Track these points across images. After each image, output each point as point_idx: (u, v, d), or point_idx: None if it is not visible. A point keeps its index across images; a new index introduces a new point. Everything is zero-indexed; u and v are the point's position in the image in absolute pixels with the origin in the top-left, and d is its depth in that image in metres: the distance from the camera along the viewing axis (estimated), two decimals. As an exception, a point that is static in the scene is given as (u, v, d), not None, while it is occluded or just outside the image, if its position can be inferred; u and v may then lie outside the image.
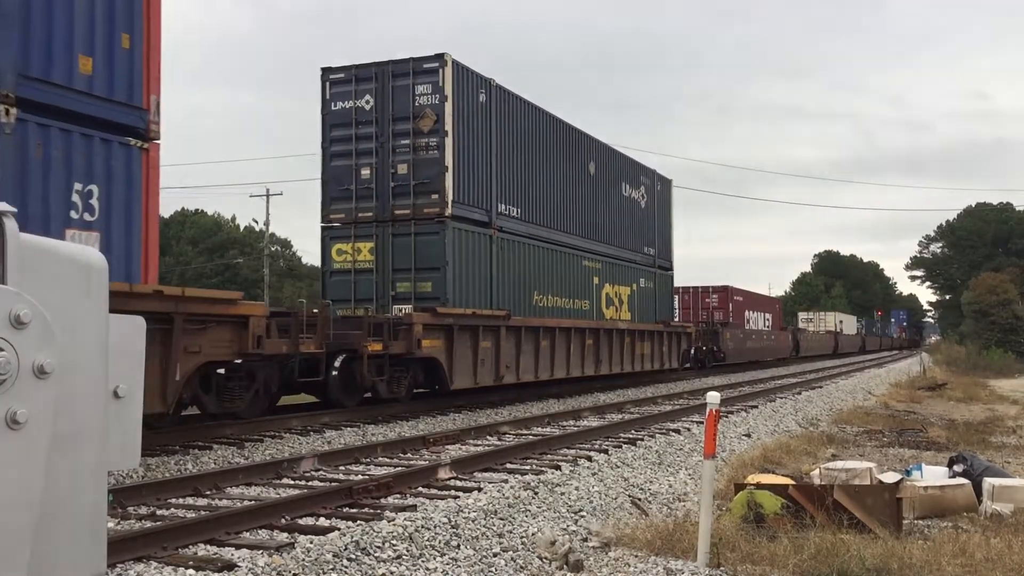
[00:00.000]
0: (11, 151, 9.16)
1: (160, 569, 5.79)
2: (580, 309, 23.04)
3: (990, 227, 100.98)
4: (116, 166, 10.42)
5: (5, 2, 9.17)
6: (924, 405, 21.98)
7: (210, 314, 11.56)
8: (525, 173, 20.46)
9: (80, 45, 9.98)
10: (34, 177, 9.44)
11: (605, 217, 24.90)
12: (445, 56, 17.40)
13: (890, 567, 5.82)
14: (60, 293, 2.01)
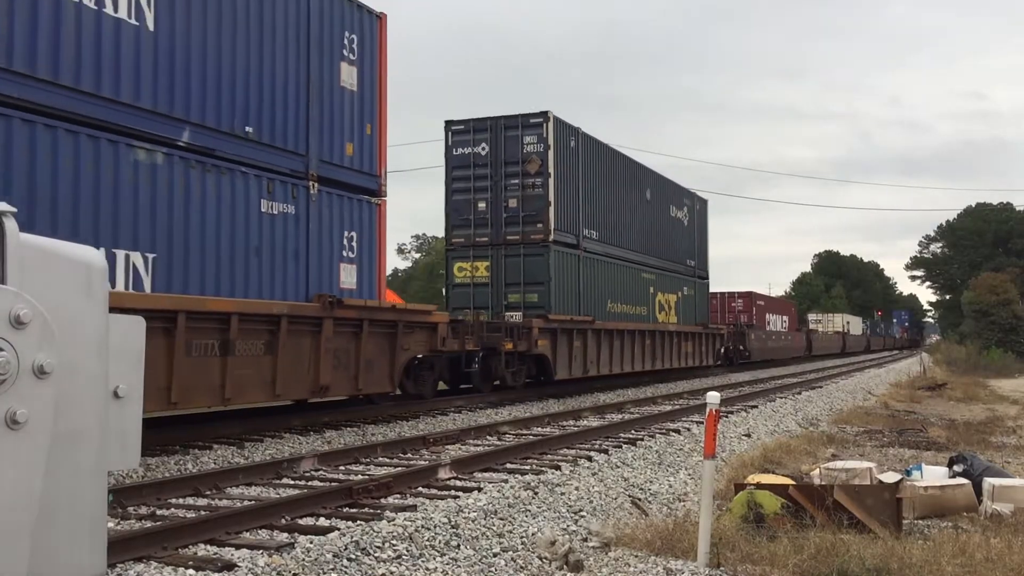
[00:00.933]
0: (314, 212, 13.68)
1: (160, 569, 5.79)
2: (640, 314, 27.07)
3: (990, 227, 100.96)
4: (364, 218, 14.80)
5: (312, 117, 13.67)
6: (924, 405, 21.99)
7: (416, 322, 15.81)
8: (601, 202, 24.51)
9: (346, 135, 14.39)
10: (324, 228, 13.86)
11: (657, 235, 29.01)
12: (548, 113, 21.70)
13: (890, 567, 5.82)
14: (60, 293, 2.01)
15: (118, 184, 10.50)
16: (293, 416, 14.44)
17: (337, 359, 13.78)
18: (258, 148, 12.71)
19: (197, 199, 11.62)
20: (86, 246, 2.18)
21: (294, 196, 13.25)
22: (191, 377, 11.14)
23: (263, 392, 12.55)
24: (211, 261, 11.82)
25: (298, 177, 13.39)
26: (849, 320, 76.50)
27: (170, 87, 11.27)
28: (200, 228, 11.65)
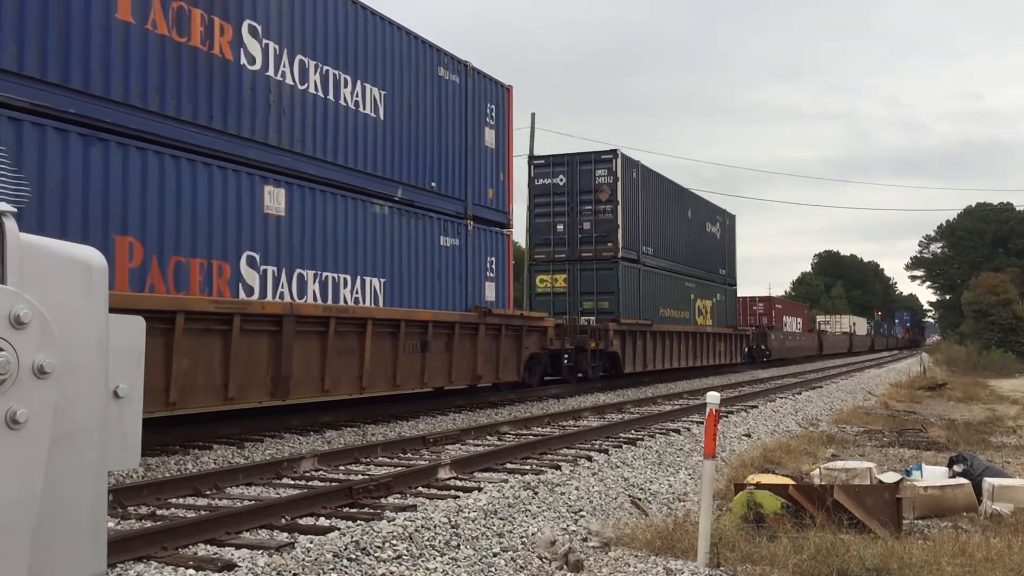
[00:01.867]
0: (471, 243, 18.12)
1: (160, 569, 5.79)
2: (684, 318, 31.30)
3: (990, 227, 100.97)
4: (498, 245, 19.33)
5: (468, 171, 18.03)
6: (924, 405, 21.99)
7: (534, 326, 20.35)
8: (655, 222, 28.87)
9: (488, 183, 18.96)
10: (476, 254, 18.36)
11: (697, 248, 33.57)
12: (617, 151, 26.33)
13: (890, 567, 5.82)
14: (60, 293, 2.01)
15: (365, 230, 14.86)
16: (293, 416, 14.44)
17: (486, 355, 18.22)
18: (438, 197, 17.22)
19: (406, 239, 15.99)
20: (86, 246, 2.18)
21: (458, 232, 17.80)
22: (405, 369, 15.49)
23: (444, 380, 17.00)
24: (414, 283, 16.21)
25: (460, 217, 17.92)
26: (855, 321, 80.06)
27: (392, 159, 15.73)
28: (409, 259, 16.09)
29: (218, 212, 11.96)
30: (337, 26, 14.36)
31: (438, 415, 16.48)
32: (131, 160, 10.79)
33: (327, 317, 13.42)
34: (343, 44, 14.51)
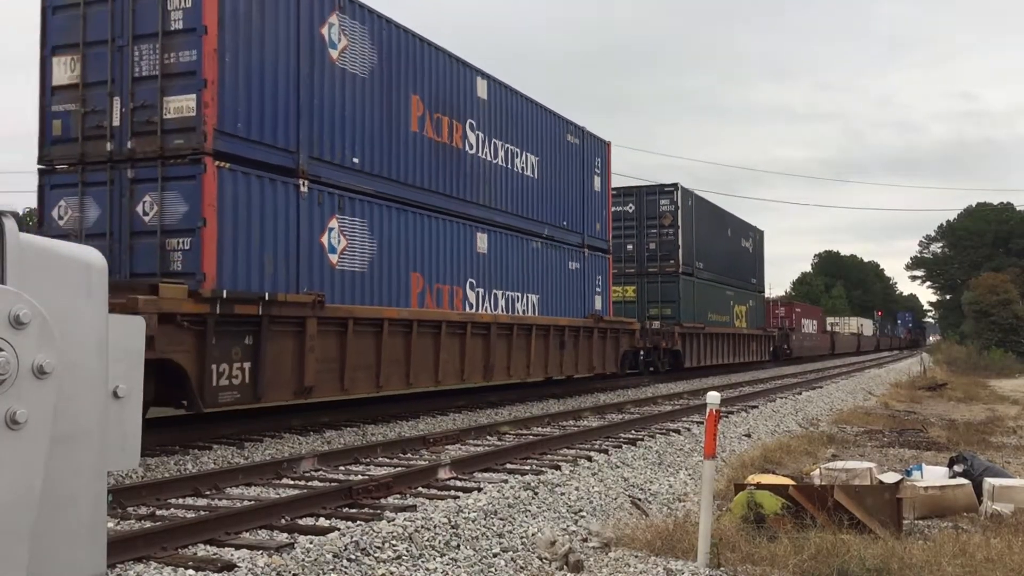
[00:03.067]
0: (587, 266, 23.43)
1: (160, 569, 5.79)
2: (725, 321, 36.86)
3: (990, 227, 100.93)
4: (603, 267, 24.49)
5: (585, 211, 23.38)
6: (924, 405, 21.99)
7: (626, 329, 25.56)
8: (705, 241, 34.29)
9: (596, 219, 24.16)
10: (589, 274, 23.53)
11: (734, 261, 39.48)
12: (678, 184, 31.68)
13: (890, 567, 5.81)
14: (60, 293, 2.01)
15: (527, 259, 20.37)
16: (293, 416, 14.45)
17: (598, 351, 23.60)
18: (567, 232, 22.48)
19: (550, 265, 21.44)
20: (86, 246, 2.18)
21: (578, 257, 22.97)
22: (553, 361, 21.03)
23: (573, 370, 22.53)
24: (554, 298, 21.55)
25: (579, 246, 23.10)
26: (862, 323, 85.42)
27: (542, 207, 21.16)
28: (552, 280, 21.55)
29: (455, 253, 17.44)
30: (513, 114, 19.90)
31: (438, 415, 16.48)
32: (417, 221, 16.12)
33: (511, 324, 18.98)
34: (516, 126, 20.03)
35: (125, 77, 11.90)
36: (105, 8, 11.99)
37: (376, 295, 14.86)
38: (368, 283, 14.68)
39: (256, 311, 11.81)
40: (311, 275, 13.33)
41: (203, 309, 11.01)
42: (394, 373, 15.03)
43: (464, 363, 17.00)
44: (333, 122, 14.06)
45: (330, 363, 13.48)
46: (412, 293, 15.78)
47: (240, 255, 12.05)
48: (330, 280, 13.74)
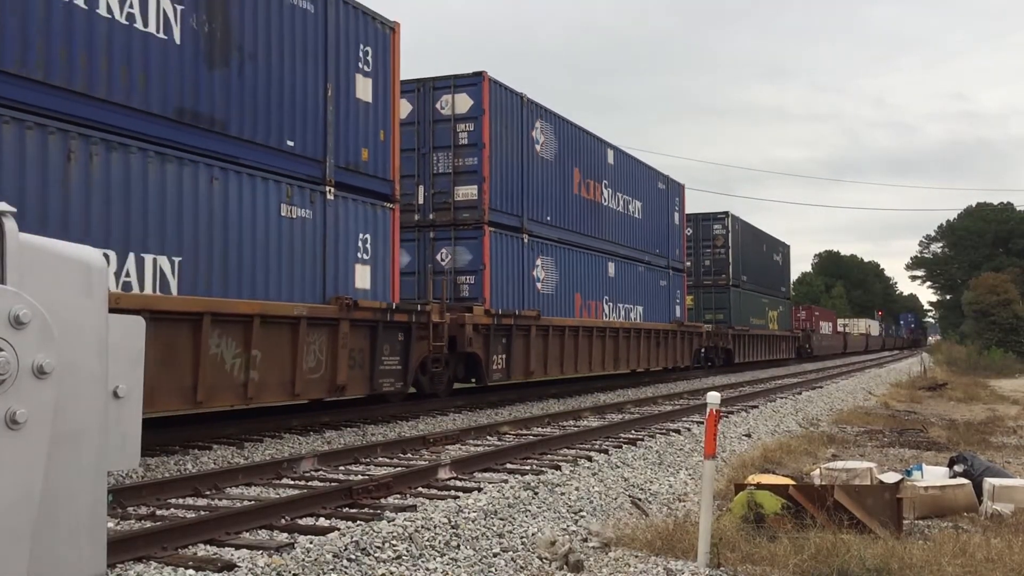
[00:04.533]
0: (671, 284, 30.04)
1: (160, 569, 5.79)
2: (762, 324, 43.59)
3: (990, 227, 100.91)
4: (681, 281, 30.89)
5: (668, 239, 30.10)
6: (924, 405, 21.98)
7: (698, 331, 31.56)
8: (747, 257, 40.93)
9: (676, 245, 29.81)
10: (673, 288, 30.36)
11: (768, 273, 46.20)
12: (728, 212, 38.32)
13: (890, 567, 5.81)
14: (60, 293, 2.01)
15: (636, 281, 26.91)
16: (292, 416, 14.45)
17: (679, 348, 29.79)
18: (658, 258, 29.07)
19: (649, 283, 28.13)
20: (86, 246, 2.18)
21: (668, 277, 30.02)
22: (649, 355, 27.19)
23: (663, 364, 28.55)
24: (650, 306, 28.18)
25: (665, 268, 29.83)
26: (870, 324, 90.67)
27: (643, 240, 27.75)
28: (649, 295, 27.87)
29: (597, 277, 24.16)
30: (627, 172, 26.81)
31: (438, 415, 16.47)
32: (577, 257, 23.03)
33: (630, 328, 25.68)
34: (630, 181, 26.83)
35: (426, 173, 19.13)
36: (413, 128, 18.97)
37: (559, 310, 21.71)
38: (555, 302, 21.58)
39: (511, 322, 18.91)
40: (527, 297, 20.28)
41: (488, 321, 18.03)
42: (567, 362, 21.70)
43: (604, 356, 23.81)
44: (536, 193, 20.92)
45: (539, 355, 20.33)
46: (576, 307, 22.78)
47: (499, 285, 19.14)
48: (537, 300, 20.67)
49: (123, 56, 10.47)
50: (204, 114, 11.56)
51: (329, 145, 13.81)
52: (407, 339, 15.39)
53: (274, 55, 12.78)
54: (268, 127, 12.65)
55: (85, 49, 10.00)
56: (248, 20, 12.28)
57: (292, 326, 12.63)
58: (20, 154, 9.15)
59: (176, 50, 11.18)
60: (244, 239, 12.09)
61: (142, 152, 10.65)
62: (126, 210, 10.39)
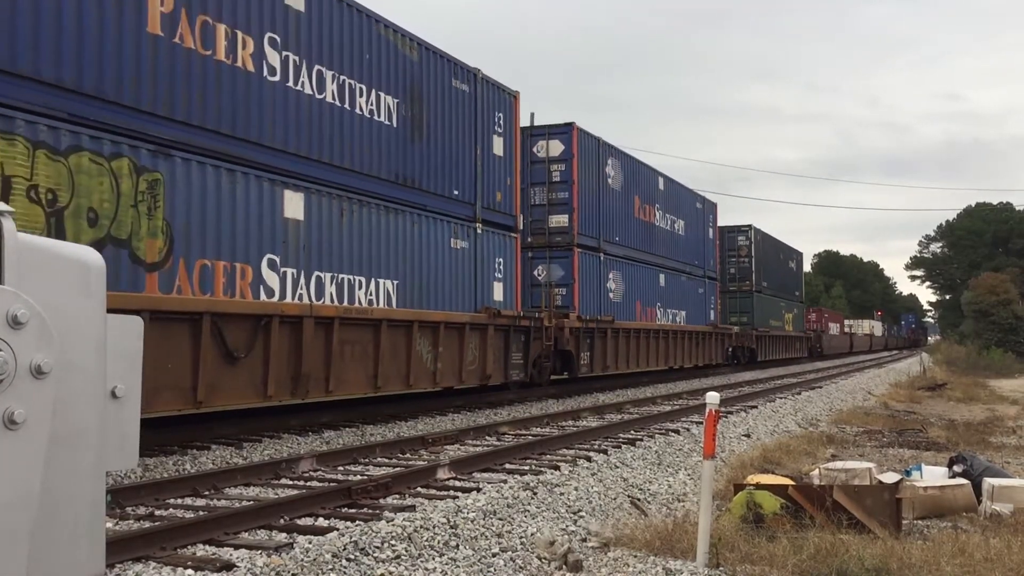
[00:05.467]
0: (707, 292, 34.53)
1: (159, 569, 5.79)
2: (779, 326, 47.61)
3: (990, 227, 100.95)
4: (714, 290, 35.31)
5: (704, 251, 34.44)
6: (924, 405, 21.99)
7: (728, 332, 36.08)
8: (767, 264, 45.25)
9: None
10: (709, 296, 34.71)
11: (785, 279, 50.04)
12: (752, 226, 42.57)
13: (889, 567, 5.81)
14: (58, 293, 2.00)
15: (680, 288, 31.16)
16: (291, 416, 14.45)
17: (712, 347, 34.11)
18: (697, 268, 33.16)
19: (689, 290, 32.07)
20: (84, 246, 2.18)
21: (703, 285, 33.63)
22: (683, 353, 30.57)
23: (699, 360, 32.51)
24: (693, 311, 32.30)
25: (703, 277, 33.91)
26: (873, 325, 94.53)
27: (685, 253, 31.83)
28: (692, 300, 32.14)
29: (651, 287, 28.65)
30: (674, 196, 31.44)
31: (437, 415, 16.47)
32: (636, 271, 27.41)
33: (678, 330, 30.27)
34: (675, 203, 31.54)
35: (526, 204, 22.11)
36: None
37: (625, 315, 25.89)
38: (622, 308, 25.65)
39: (594, 325, 23.24)
40: (603, 305, 24.37)
41: (579, 325, 22.31)
42: (631, 359, 26.19)
43: (659, 354, 28.27)
44: (609, 218, 25.17)
45: (613, 353, 24.69)
46: (637, 313, 26.94)
47: (584, 295, 23.27)
48: (610, 307, 24.75)
49: (368, 140, 14.77)
50: (408, 176, 15.88)
51: (478, 191, 18.07)
52: (527, 339, 19.78)
53: (444, 128, 17.00)
54: (442, 181, 16.89)
55: (349, 138, 14.37)
56: (429, 104, 16.46)
57: (459, 330, 16.95)
58: (317, 212, 13.56)
59: (394, 132, 15.48)
60: (430, 265, 16.33)
61: (377, 207, 14.94)
62: (369, 248, 14.67)
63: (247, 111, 12.25)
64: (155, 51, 10.91)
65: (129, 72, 10.56)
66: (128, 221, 10.47)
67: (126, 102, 10.51)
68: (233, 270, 11.91)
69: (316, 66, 13.61)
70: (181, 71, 11.30)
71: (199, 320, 11.07)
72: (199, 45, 11.59)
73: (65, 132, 9.76)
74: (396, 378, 15.05)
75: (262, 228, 12.39)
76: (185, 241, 11.15)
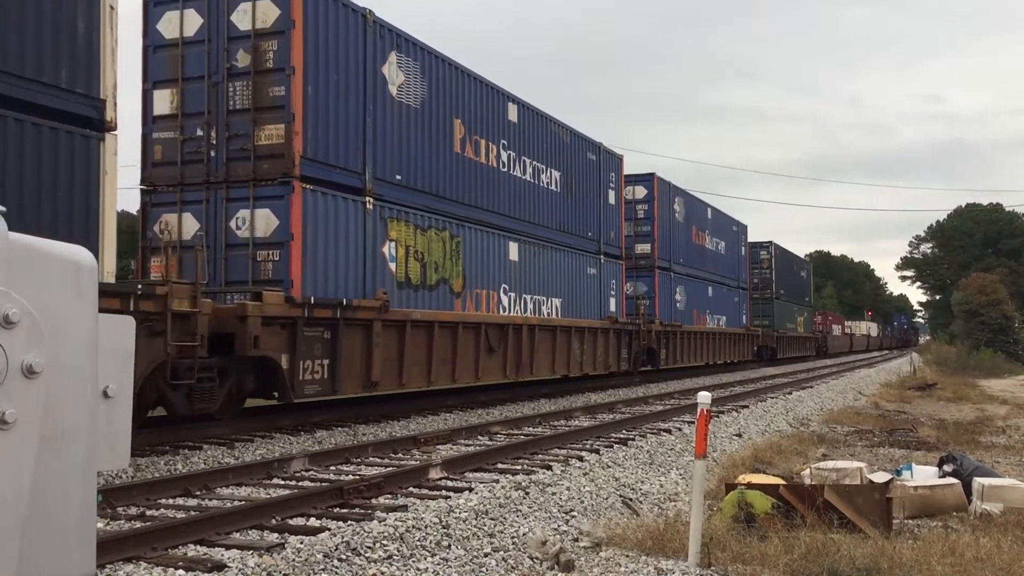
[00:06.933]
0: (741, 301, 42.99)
1: (150, 570, 5.78)
2: (793, 327, 53.01)
3: (980, 227, 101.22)
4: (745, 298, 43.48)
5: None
6: (914, 405, 22.05)
7: (755, 334, 43.88)
8: (783, 273, 50.94)
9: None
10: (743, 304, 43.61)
11: (797, 287, 55.63)
12: (772, 243, 49.18)
13: (880, 567, 5.83)
14: (49, 292, 2.00)
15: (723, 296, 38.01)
16: (283, 416, 14.42)
17: (745, 345, 40.50)
18: (732, 280, 39.63)
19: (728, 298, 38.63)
20: (76, 245, 2.17)
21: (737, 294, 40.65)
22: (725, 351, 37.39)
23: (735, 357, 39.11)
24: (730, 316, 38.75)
25: (736, 287, 40.31)
26: (870, 326, 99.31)
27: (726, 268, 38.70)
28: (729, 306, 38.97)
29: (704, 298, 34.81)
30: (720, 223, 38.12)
31: (429, 415, 16.45)
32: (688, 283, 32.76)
33: (720, 332, 36.03)
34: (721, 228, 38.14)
35: None
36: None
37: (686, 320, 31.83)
38: (684, 315, 31.86)
39: (670, 329, 29.91)
40: (673, 313, 30.74)
41: (661, 328, 28.69)
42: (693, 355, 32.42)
43: (709, 351, 34.28)
44: (676, 245, 31.87)
45: (683, 350, 31.31)
46: (693, 318, 32.72)
47: (662, 306, 29.84)
48: (677, 314, 31.17)
49: (545, 202, 21.46)
50: (564, 224, 22.49)
51: (600, 231, 24.70)
52: (630, 339, 26.32)
53: (582, 187, 23.64)
54: (582, 226, 23.57)
55: (536, 202, 21.03)
56: (574, 171, 23.14)
57: (594, 332, 23.64)
58: (524, 254, 20.16)
59: (557, 195, 22.18)
60: (577, 287, 22.96)
61: (550, 248, 21.55)
62: (547, 276, 21.34)
63: (492, 192, 18.86)
64: (457, 163, 17.46)
65: (446, 177, 17.07)
66: (449, 268, 17.04)
67: (448, 196, 17.07)
68: (489, 296, 18.56)
69: (523, 157, 20.41)
70: (467, 173, 17.85)
71: (479, 327, 17.78)
72: (473, 154, 18.12)
73: (423, 216, 16.27)
74: (561, 366, 21.67)
75: (500, 267, 19.07)
76: (471, 278, 17.81)
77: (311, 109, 13.49)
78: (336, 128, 14.08)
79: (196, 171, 13.69)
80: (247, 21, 13.50)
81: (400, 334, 15.15)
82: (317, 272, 13.56)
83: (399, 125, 15.59)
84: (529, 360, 19.81)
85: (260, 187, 13.32)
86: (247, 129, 13.41)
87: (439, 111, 16.69)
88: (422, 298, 16.05)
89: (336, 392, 14.13)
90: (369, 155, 14.75)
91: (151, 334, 10.76)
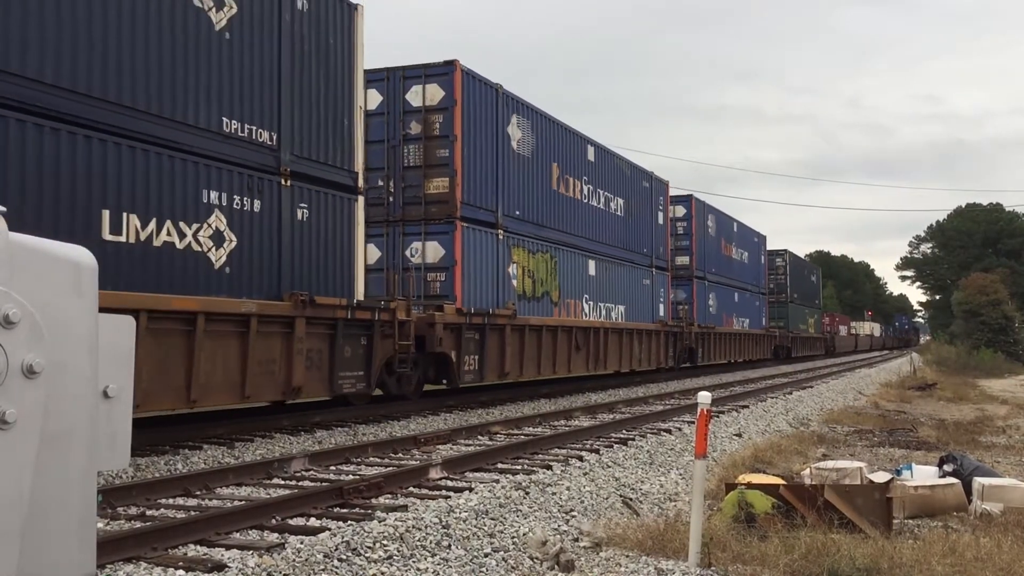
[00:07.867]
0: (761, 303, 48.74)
1: (150, 570, 5.77)
2: (805, 328, 57.38)
3: (980, 227, 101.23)
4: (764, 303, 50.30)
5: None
6: (914, 405, 22.05)
7: (773, 334, 49.01)
8: (796, 278, 55.21)
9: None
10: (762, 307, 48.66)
11: (809, 291, 59.96)
12: (787, 250, 55.01)
13: (880, 567, 5.83)
14: (50, 292, 2.00)
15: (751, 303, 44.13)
16: (283, 416, 14.42)
17: (765, 344, 45.69)
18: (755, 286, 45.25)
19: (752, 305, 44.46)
20: (76, 245, 2.17)
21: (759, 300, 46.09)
22: (748, 350, 41.70)
23: (757, 355, 44.09)
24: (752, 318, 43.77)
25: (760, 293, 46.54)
26: (872, 326, 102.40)
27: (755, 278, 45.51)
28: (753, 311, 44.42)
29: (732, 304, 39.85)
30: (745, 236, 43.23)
31: (429, 415, 16.45)
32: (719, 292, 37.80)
33: (745, 333, 41.07)
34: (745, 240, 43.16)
35: None
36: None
37: (718, 323, 36.23)
38: (716, 318, 36.31)
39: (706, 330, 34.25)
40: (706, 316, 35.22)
41: (699, 329, 33.08)
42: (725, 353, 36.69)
43: (736, 350, 38.70)
44: (709, 257, 36.40)
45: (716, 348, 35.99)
46: (723, 320, 36.82)
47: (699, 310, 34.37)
48: (709, 317, 35.32)
49: (612, 226, 25.75)
50: (625, 243, 26.66)
51: (652, 248, 29.10)
52: (675, 339, 30.47)
53: (638, 211, 27.90)
54: (638, 244, 27.87)
55: (605, 226, 25.27)
56: (632, 198, 27.46)
57: (648, 333, 28.02)
58: (599, 270, 24.60)
59: (620, 219, 26.48)
60: (635, 296, 27.30)
61: (613, 264, 25.69)
62: (613, 287, 25.59)
63: (577, 220, 23.28)
64: (553, 199, 21.97)
65: (547, 210, 21.66)
66: (549, 282, 21.44)
67: (548, 225, 21.57)
68: (575, 304, 22.89)
69: (598, 189, 24.61)
70: (561, 205, 22.38)
71: (570, 330, 21.96)
72: (565, 190, 22.58)
73: (533, 242, 20.79)
74: (626, 362, 26.02)
75: (582, 281, 23.48)
76: (563, 290, 22.25)
77: (466, 166, 17.95)
78: (481, 178, 18.60)
79: (378, 212, 17.98)
80: (418, 99, 18.30)
81: (521, 336, 19.81)
82: (470, 289, 18.06)
83: (518, 171, 20.17)
84: (604, 356, 24.26)
85: (430, 224, 17.99)
86: (419, 181, 18.04)
87: (543, 157, 21.37)
88: (532, 307, 20.57)
89: (483, 380, 18.64)
90: (500, 197, 19.41)
91: (383, 336, 14.90)
